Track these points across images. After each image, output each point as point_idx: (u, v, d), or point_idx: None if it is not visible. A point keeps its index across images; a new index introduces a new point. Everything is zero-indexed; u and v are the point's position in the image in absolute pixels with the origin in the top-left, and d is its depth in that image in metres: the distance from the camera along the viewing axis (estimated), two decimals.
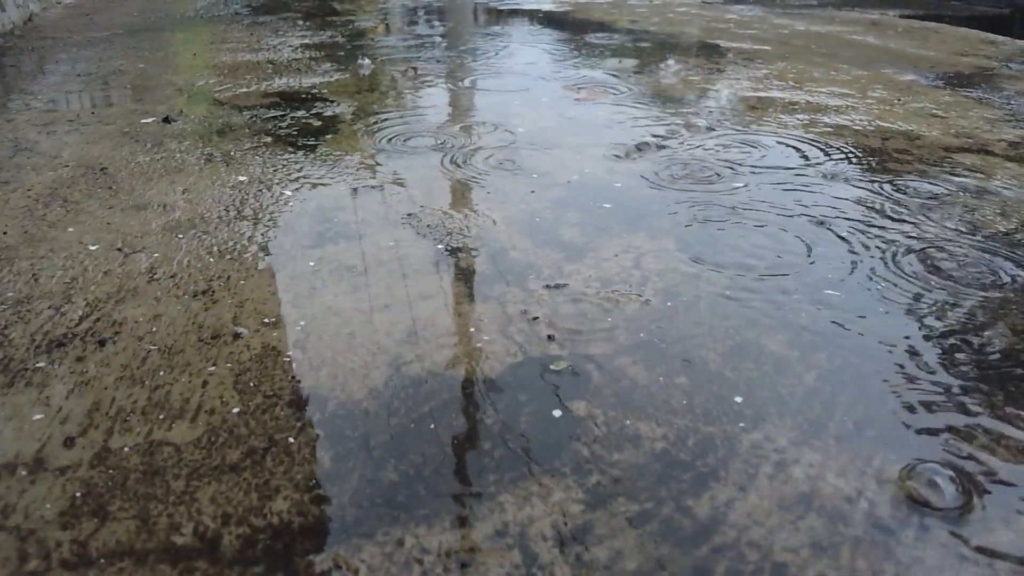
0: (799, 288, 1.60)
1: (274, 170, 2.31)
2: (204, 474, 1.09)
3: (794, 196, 2.08)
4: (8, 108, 3.06)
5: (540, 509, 1.02)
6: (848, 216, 1.95)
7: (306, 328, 1.46)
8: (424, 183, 2.19)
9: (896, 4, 6.17)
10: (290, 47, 4.32)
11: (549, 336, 1.42)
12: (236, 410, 1.22)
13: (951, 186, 2.16)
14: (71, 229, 1.91)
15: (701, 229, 1.88)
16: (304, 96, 3.21)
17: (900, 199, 2.07)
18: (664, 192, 2.11)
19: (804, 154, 2.43)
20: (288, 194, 2.13)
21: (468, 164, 2.35)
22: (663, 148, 2.48)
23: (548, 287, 1.60)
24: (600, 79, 3.47)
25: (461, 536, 0.98)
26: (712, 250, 1.77)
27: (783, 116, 2.86)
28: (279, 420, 1.20)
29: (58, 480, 1.08)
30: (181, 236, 1.86)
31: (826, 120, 2.81)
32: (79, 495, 1.06)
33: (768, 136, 2.61)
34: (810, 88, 3.31)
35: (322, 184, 2.20)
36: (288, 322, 1.48)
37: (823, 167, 2.32)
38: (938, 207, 2.02)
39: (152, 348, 1.40)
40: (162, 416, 1.21)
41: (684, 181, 2.20)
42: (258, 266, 1.71)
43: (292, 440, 1.15)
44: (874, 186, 2.16)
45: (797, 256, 1.74)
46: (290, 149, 2.51)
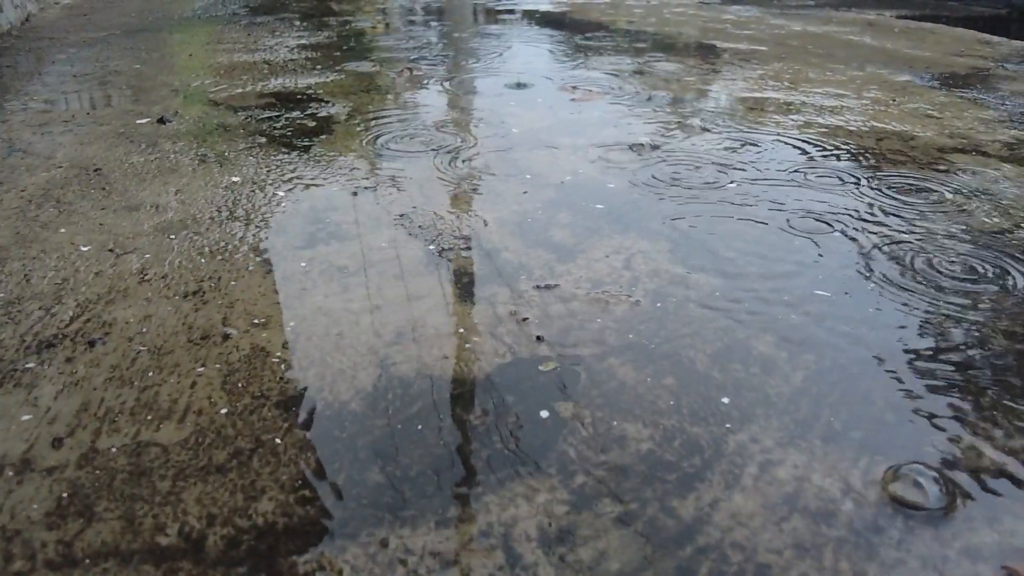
0: (789, 289, 1.60)
1: (267, 171, 2.31)
2: (190, 475, 1.09)
3: (786, 197, 2.08)
4: (4, 109, 3.07)
5: (525, 510, 1.03)
6: (840, 217, 1.95)
7: (296, 329, 1.46)
8: (417, 184, 2.19)
9: (893, 4, 6.17)
10: (287, 47, 4.32)
11: (538, 337, 1.42)
12: (224, 411, 1.22)
13: (944, 187, 2.16)
14: (63, 230, 1.91)
15: (693, 230, 1.88)
16: (300, 97, 3.21)
17: (893, 200, 2.07)
18: (657, 193, 2.12)
19: (798, 155, 2.44)
20: (281, 195, 2.13)
21: (462, 165, 2.35)
22: (657, 148, 2.48)
23: (538, 288, 1.60)
24: (596, 79, 3.47)
25: (445, 537, 0.98)
26: (703, 250, 1.77)
27: (778, 117, 2.87)
28: (266, 421, 1.20)
29: (45, 481, 1.09)
30: (173, 237, 1.86)
31: (820, 121, 2.81)
32: (65, 495, 1.06)
33: (762, 136, 2.61)
34: (805, 89, 3.31)
35: (315, 185, 2.20)
36: (278, 323, 1.48)
37: (817, 168, 2.32)
38: (931, 207, 2.02)
39: (142, 349, 1.40)
40: (150, 417, 1.21)
41: (677, 182, 2.20)
42: (249, 267, 1.71)
43: (279, 441, 1.16)
44: (867, 187, 2.16)
45: (788, 256, 1.74)
46: (284, 150, 2.51)
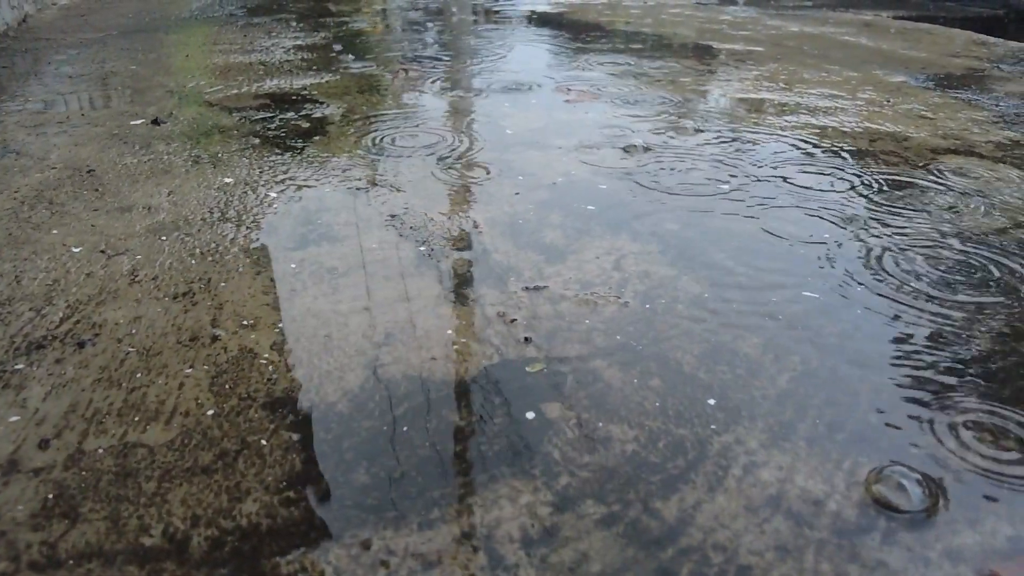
0: (777, 291, 1.60)
1: (260, 172, 2.32)
2: (176, 476, 1.10)
3: (780, 198, 2.09)
4: (0, 110, 3.07)
5: (508, 511, 1.03)
6: (832, 218, 1.96)
7: (284, 330, 1.46)
8: (409, 185, 2.19)
9: (891, 5, 6.17)
10: (283, 48, 4.32)
11: (526, 338, 1.42)
12: (211, 412, 1.23)
13: (937, 187, 2.17)
14: (55, 231, 1.91)
15: (684, 231, 1.88)
16: (294, 97, 3.21)
17: (886, 200, 2.07)
18: (649, 194, 2.12)
19: (792, 156, 2.44)
20: (273, 196, 2.13)
21: (454, 166, 2.35)
22: (649, 150, 2.49)
23: (527, 289, 1.61)
24: (592, 80, 3.48)
25: (428, 538, 0.99)
26: (693, 252, 1.77)
27: (772, 118, 2.87)
28: (252, 422, 1.20)
29: (31, 482, 1.09)
30: (164, 238, 1.86)
31: (815, 122, 2.82)
32: (51, 497, 1.06)
33: (756, 137, 2.62)
34: (800, 89, 3.31)
35: (308, 186, 2.21)
36: (266, 324, 1.48)
37: (809, 169, 2.32)
38: (923, 208, 2.02)
39: (131, 350, 1.40)
40: (137, 418, 1.22)
41: (669, 183, 2.20)
42: (239, 268, 1.71)
43: (264, 443, 1.16)
44: (860, 187, 2.17)
45: (777, 258, 1.74)
46: (278, 151, 2.52)
